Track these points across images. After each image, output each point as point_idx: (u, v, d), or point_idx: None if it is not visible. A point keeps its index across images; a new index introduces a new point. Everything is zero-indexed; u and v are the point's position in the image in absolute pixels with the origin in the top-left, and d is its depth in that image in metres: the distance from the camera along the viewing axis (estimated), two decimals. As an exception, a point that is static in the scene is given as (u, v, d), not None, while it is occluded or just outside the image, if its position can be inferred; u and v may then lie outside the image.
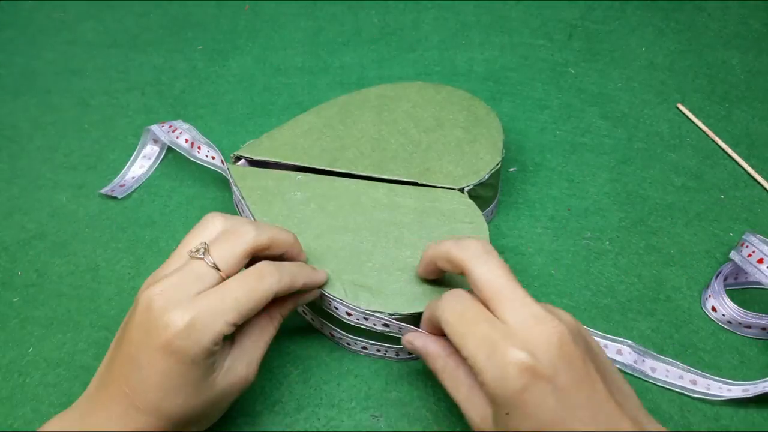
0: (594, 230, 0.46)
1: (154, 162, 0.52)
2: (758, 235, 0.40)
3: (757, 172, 0.50)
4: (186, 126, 0.49)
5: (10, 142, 0.54)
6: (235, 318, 0.30)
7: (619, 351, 0.39)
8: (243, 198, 0.42)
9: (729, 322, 0.40)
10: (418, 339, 0.34)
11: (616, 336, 0.40)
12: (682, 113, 0.55)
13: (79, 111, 0.57)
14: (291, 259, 0.35)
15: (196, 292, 0.30)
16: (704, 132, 0.54)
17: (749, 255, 0.39)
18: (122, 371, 0.30)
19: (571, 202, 0.48)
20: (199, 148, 0.47)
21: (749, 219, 0.47)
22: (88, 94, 0.58)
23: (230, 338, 0.32)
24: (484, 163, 0.43)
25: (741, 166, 0.51)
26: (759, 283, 0.42)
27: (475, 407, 0.30)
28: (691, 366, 0.39)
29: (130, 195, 0.50)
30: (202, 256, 0.31)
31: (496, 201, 0.46)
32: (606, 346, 0.39)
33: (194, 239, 0.33)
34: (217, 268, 0.31)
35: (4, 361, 0.40)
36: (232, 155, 0.45)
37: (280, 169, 0.45)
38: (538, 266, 0.44)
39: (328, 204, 0.41)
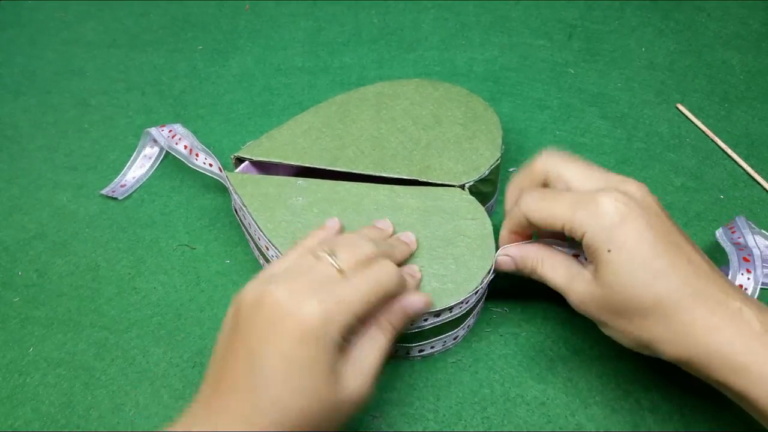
0: (594, 230, 0.46)
1: (155, 162, 0.52)
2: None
3: (756, 172, 0.50)
4: (184, 131, 0.49)
5: (10, 142, 0.54)
6: (362, 310, 0.31)
7: None
8: (244, 205, 0.42)
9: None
10: (510, 249, 0.37)
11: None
12: (682, 113, 0.55)
13: (79, 111, 0.57)
14: (403, 260, 0.38)
15: (324, 287, 0.30)
16: (704, 132, 0.54)
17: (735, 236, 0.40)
18: (242, 370, 0.29)
19: (570, 202, 0.48)
20: (197, 155, 0.47)
21: (749, 219, 0.47)
22: (88, 94, 0.58)
23: (341, 351, 0.32)
24: (483, 159, 0.43)
25: (741, 166, 0.51)
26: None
27: (577, 283, 0.33)
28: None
29: (130, 195, 0.50)
30: (331, 260, 0.32)
31: (495, 197, 0.47)
32: None
33: (312, 240, 0.35)
34: (341, 271, 0.32)
35: (4, 361, 0.40)
36: (232, 156, 0.45)
37: (281, 169, 0.45)
38: (537, 266, 0.44)
39: (330, 208, 0.41)
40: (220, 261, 0.45)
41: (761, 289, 0.42)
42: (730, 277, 0.40)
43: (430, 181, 0.42)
